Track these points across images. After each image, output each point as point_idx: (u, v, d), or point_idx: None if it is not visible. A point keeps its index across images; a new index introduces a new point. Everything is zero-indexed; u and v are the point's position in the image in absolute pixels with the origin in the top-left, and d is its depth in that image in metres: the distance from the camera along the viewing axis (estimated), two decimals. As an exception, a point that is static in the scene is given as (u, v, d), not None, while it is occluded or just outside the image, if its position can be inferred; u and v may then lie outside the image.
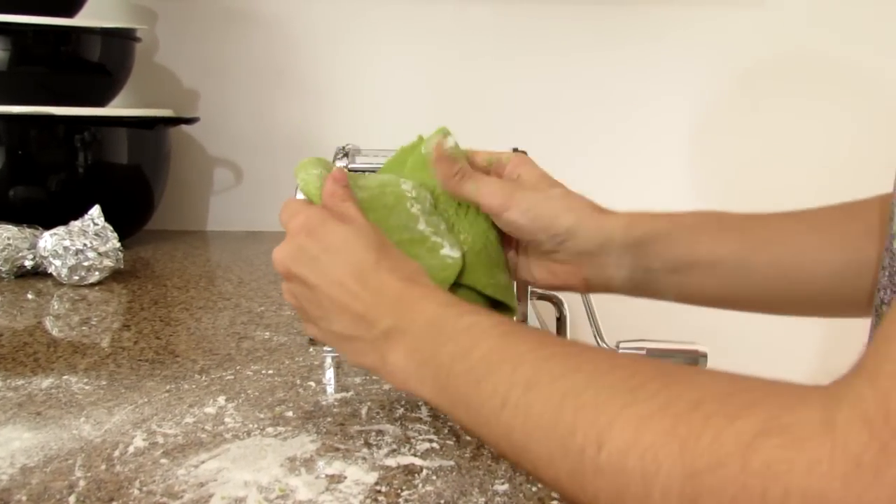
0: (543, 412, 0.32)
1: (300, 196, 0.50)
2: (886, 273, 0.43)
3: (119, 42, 1.10)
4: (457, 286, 0.49)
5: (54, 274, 0.85)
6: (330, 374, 0.58)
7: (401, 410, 0.51)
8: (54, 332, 0.70)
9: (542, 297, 0.76)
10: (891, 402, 0.24)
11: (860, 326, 0.47)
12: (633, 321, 0.79)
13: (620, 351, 0.68)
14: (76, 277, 0.85)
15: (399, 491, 0.40)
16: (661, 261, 0.51)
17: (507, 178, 0.53)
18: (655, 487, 0.27)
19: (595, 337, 0.75)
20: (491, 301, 0.51)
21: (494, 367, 0.36)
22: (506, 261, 0.53)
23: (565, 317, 0.77)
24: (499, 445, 0.36)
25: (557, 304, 0.77)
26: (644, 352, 0.68)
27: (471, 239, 0.51)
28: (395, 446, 0.45)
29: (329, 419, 0.49)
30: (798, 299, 0.53)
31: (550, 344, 0.37)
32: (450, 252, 0.49)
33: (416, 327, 0.41)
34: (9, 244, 0.87)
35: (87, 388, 0.55)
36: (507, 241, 0.54)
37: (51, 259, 0.85)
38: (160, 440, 0.46)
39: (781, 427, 0.25)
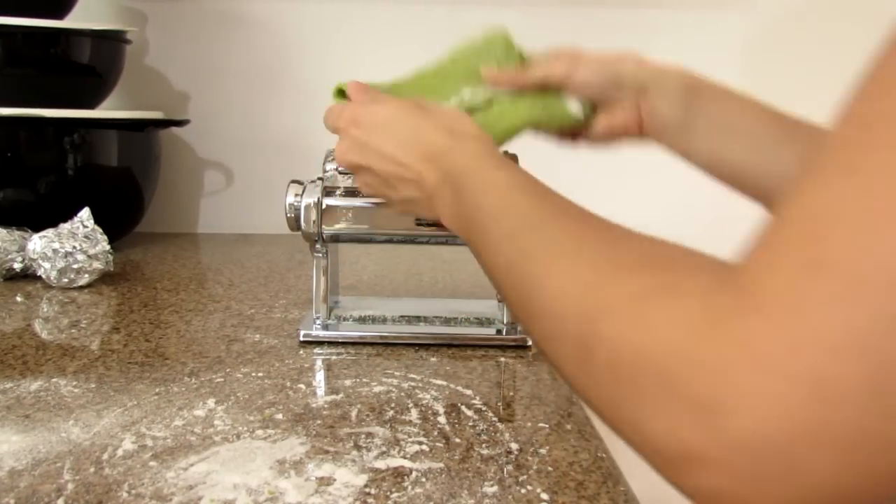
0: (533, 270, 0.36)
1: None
2: None
3: (109, 44, 1.09)
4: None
5: (43, 276, 0.85)
6: (320, 377, 0.58)
7: (391, 413, 0.51)
8: (43, 335, 0.69)
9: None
10: (764, 278, 0.24)
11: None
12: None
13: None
14: (65, 280, 0.84)
15: (388, 493, 0.40)
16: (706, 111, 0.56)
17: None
18: None
19: None
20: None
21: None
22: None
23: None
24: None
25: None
26: None
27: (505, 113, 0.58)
28: (384, 448, 0.45)
29: (319, 421, 0.50)
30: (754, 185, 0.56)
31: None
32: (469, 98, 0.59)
33: (449, 181, 0.46)
34: (-3, 247, 0.87)
35: (76, 390, 0.55)
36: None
37: (40, 262, 0.84)
38: (149, 443, 0.46)
39: (673, 286, 0.27)
